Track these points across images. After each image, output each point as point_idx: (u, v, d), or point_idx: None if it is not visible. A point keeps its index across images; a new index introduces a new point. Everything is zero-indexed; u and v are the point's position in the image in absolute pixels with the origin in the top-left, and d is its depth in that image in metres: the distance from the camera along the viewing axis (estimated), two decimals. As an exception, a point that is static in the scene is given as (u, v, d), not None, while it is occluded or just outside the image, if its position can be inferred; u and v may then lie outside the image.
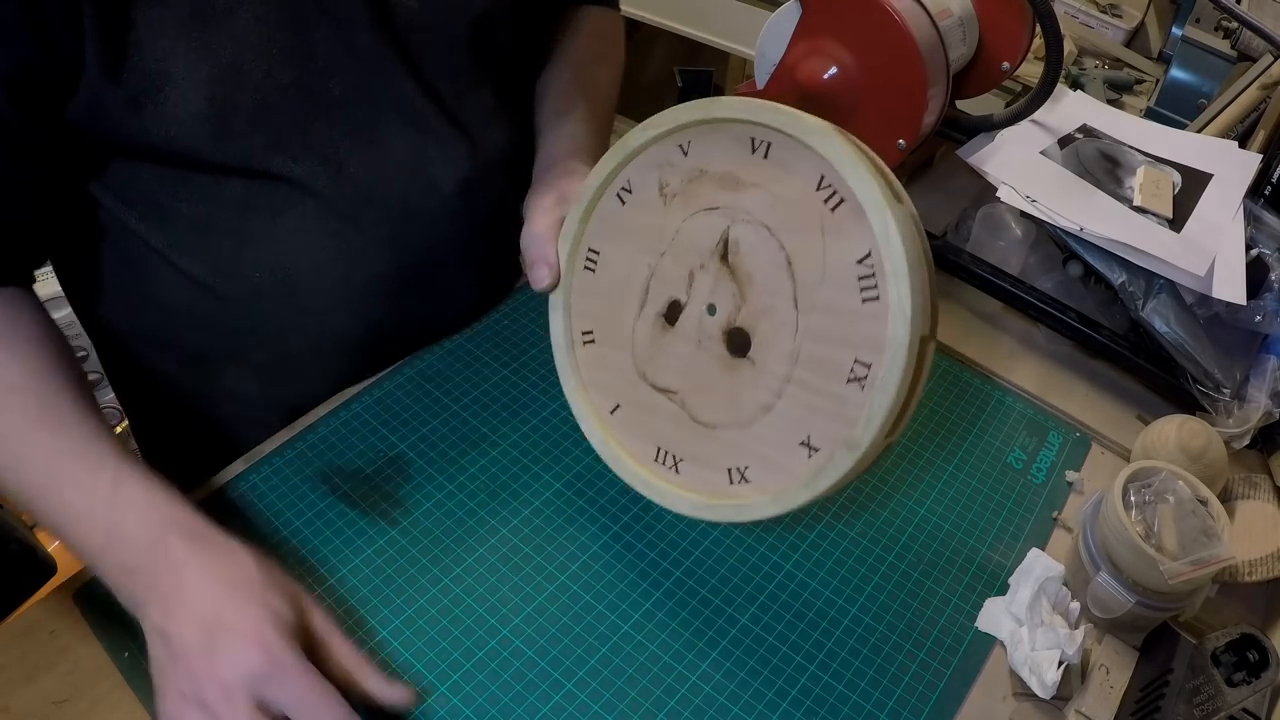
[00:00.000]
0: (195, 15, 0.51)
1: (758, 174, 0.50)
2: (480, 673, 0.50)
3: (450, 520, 0.57)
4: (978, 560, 0.59)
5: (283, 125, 0.56)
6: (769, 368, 0.50)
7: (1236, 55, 1.05)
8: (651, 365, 0.55)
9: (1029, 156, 0.78)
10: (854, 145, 0.47)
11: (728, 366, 0.52)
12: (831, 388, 0.47)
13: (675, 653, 0.52)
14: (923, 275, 0.46)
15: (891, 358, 0.45)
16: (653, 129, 0.53)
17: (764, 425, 0.50)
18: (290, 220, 0.59)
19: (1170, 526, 0.52)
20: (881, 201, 0.45)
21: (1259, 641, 0.48)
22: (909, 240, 0.45)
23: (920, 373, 0.46)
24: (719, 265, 0.52)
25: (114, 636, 0.50)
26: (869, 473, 0.63)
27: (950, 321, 0.77)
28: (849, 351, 0.47)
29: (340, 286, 0.62)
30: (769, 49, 0.77)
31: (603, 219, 0.57)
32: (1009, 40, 0.80)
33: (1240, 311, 0.66)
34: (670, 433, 0.54)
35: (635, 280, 0.55)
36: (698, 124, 0.52)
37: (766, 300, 0.50)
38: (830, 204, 0.47)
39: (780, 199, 0.49)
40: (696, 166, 0.52)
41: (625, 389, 0.57)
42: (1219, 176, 0.79)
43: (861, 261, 0.46)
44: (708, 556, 0.57)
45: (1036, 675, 0.51)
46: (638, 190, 0.55)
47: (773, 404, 0.50)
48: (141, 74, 0.51)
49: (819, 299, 0.48)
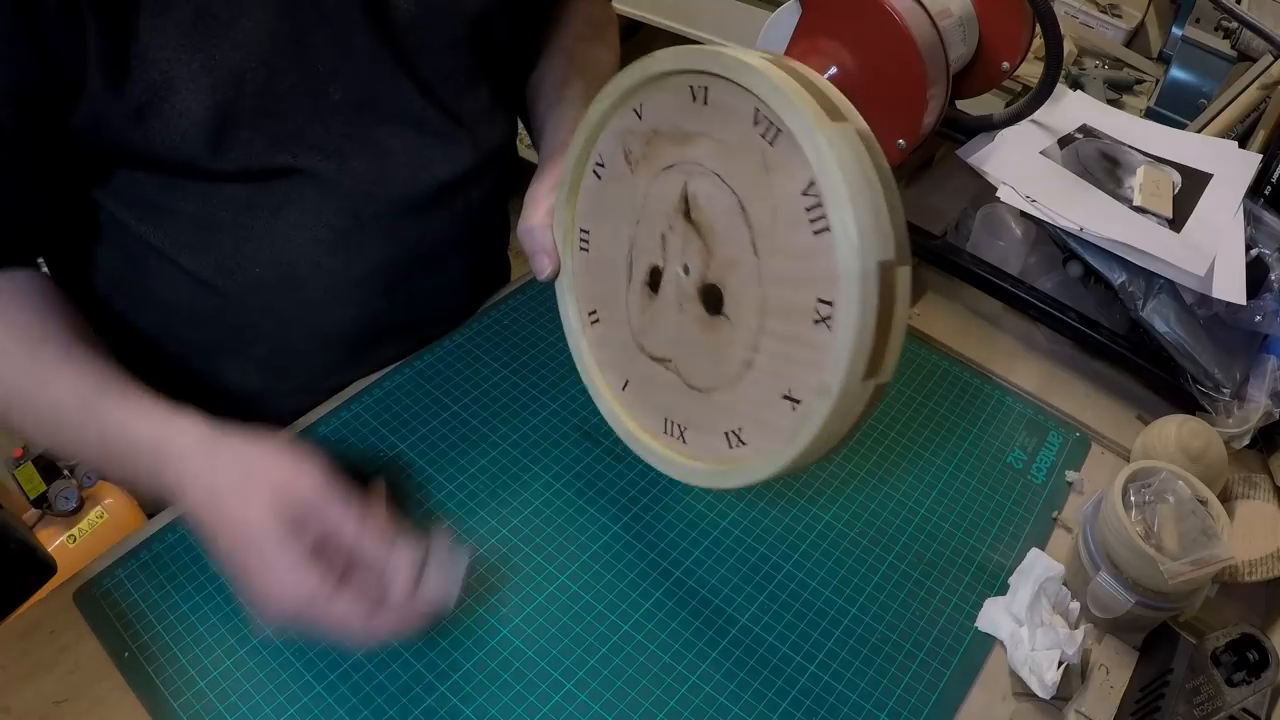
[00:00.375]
0: (198, 24, 0.51)
1: (702, 122, 0.48)
2: (480, 673, 0.50)
3: (450, 520, 0.57)
4: (978, 560, 0.59)
5: (283, 128, 0.56)
6: (743, 321, 0.48)
7: (1236, 55, 1.05)
8: (646, 336, 0.54)
9: (1029, 156, 0.78)
10: (783, 70, 0.44)
11: (708, 326, 0.50)
12: (802, 333, 0.45)
13: (675, 653, 0.52)
14: (873, 195, 0.42)
15: (846, 290, 0.42)
16: (605, 99, 0.52)
17: (748, 383, 0.49)
18: (290, 216, 0.59)
19: (1170, 526, 0.52)
20: (812, 123, 0.42)
21: (1259, 641, 0.48)
22: (850, 159, 0.42)
23: (890, 302, 0.43)
24: (684, 223, 0.50)
25: (114, 636, 0.50)
26: (868, 473, 0.63)
27: (950, 321, 0.77)
28: (810, 291, 0.44)
29: (339, 279, 0.63)
30: (769, 49, 0.77)
31: (587, 197, 0.56)
32: (1009, 40, 0.80)
33: (1240, 311, 0.66)
34: (672, 402, 0.54)
35: (620, 253, 0.55)
36: (642, 85, 0.50)
37: (730, 251, 0.48)
38: (768, 138, 0.45)
39: (724, 144, 0.47)
40: (651, 127, 0.51)
41: (630, 364, 0.56)
42: (1219, 176, 0.79)
43: (806, 192, 0.43)
44: (708, 556, 0.57)
45: (1036, 675, 0.51)
46: (608, 163, 0.54)
47: (752, 359, 0.48)
48: (145, 85, 0.51)
49: (775, 241, 0.46)
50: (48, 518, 1.50)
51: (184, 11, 0.50)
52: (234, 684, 0.49)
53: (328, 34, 0.55)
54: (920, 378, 0.71)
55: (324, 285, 0.63)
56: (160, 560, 0.54)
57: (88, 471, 1.54)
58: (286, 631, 0.49)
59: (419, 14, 0.59)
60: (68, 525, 1.50)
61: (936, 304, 0.79)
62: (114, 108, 0.51)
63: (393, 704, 0.48)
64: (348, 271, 0.63)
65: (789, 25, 0.74)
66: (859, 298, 0.41)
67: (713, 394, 0.51)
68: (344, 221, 0.61)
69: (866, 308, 0.42)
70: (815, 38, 0.72)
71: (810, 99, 0.43)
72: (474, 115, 0.66)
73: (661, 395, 0.54)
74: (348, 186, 0.60)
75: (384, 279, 0.65)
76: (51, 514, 1.49)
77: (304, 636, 0.48)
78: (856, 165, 0.42)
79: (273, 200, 0.59)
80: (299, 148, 0.57)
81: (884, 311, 0.42)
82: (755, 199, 0.46)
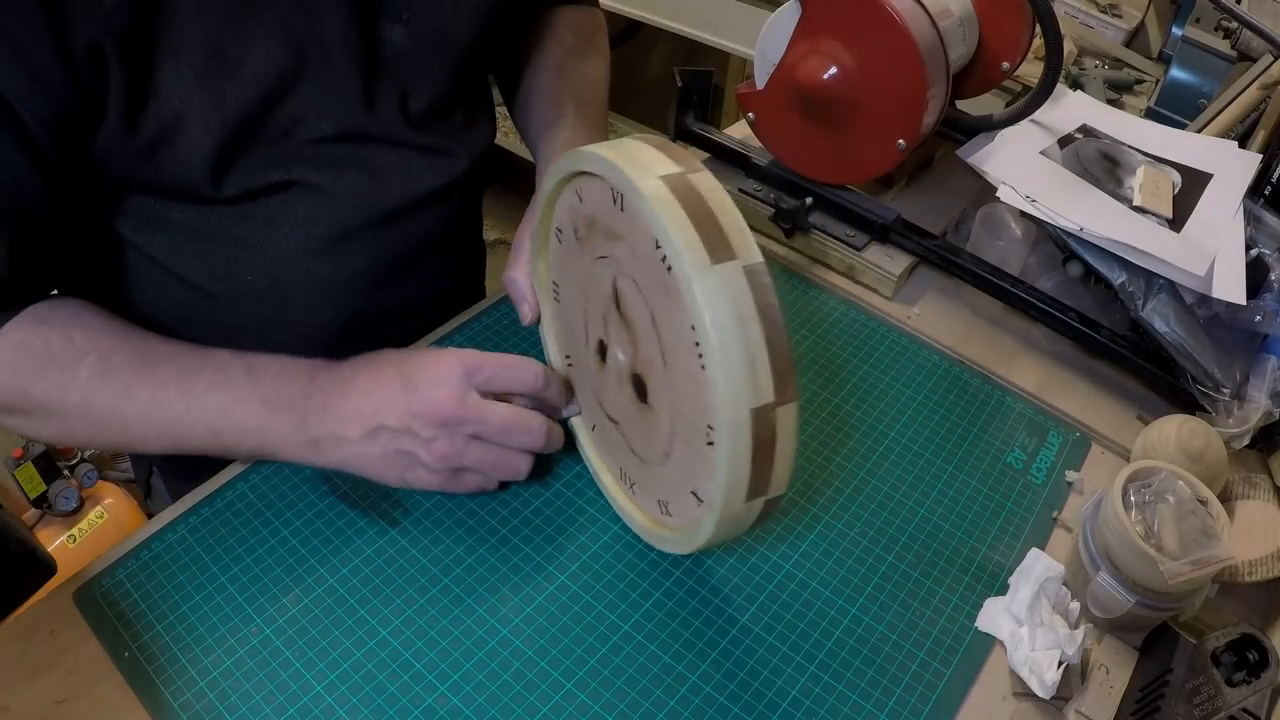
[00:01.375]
0: (210, 63, 0.53)
1: (622, 225, 0.48)
2: (480, 673, 0.50)
3: (451, 520, 0.57)
4: (978, 560, 0.59)
5: (280, 152, 0.59)
6: (661, 417, 0.50)
7: (1236, 55, 1.05)
8: (602, 394, 0.56)
9: (1029, 156, 0.78)
10: (676, 196, 0.43)
11: (640, 409, 0.52)
12: (698, 447, 0.46)
13: (675, 653, 0.52)
14: (747, 343, 0.42)
15: (720, 431, 0.42)
16: (552, 177, 0.53)
17: (668, 469, 0.50)
18: (283, 228, 0.61)
19: (1170, 526, 0.52)
20: (689, 270, 0.41)
21: (1259, 641, 0.48)
22: (725, 310, 0.41)
23: (768, 442, 0.43)
24: (616, 314, 0.51)
25: (114, 636, 0.50)
26: (868, 473, 0.63)
27: (950, 321, 0.77)
28: (703, 415, 0.45)
29: (326, 283, 0.65)
30: (769, 49, 0.77)
31: (554, 255, 0.58)
32: (1009, 40, 0.81)
33: (1240, 311, 0.66)
34: (623, 459, 0.56)
35: (579, 317, 0.57)
36: (573, 176, 0.51)
37: (648, 353, 0.49)
38: (666, 264, 0.44)
39: (637, 254, 0.47)
40: (589, 214, 0.51)
41: (594, 411, 0.58)
42: (1219, 176, 0.79)
43: (693, 328, 0.43)
44: (708, 556, 0.57)
45: (1036, 675, 0.51)
46: (565, 232, 0.55)
47: (670, 451, 0.50)
48: (158, 123, 0.53)
49: (677, 360, 0.46)
50: (48, 518, 1.50)
51: (198, 51, 0.52)
52: (234, 684, 0.49)
53: (324, 67, 0.58)
54: (920, 378, 0.71)
55: (311, 289, 0.65)
56: (160, 560, 0.54)
57: (87, 471, 1.54)
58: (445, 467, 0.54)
59: (410, 47, 0.62)
60: (68, 525, 1.50)
61: (936, 304, 0.79)
62: (127, 143, 0.54)
63: (393, 704, 0.48)
64: (334, 276, 0.65)
65: (789, 25, 0.74)
66: (730, 440, 0.42)
67: (649, 465, 0.53)
68: (334, 231, 0.63)
69: (738, 450, 0.43)
70: (815, 38, 0.72)
71: (695, 236, 0.42)
72: (459, 131, 0.69)
73: (617, 449, 0.57)
74: (339, 200, 0.62)
75: (368, 279, 0.67)
76: (51, 514, 1.49)
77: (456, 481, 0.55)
78: (732, 314, 0.42)
79: (267, 212, 0.61)
80: (294, 166, 0.60)
81: (761, 450, 0.43)
82: (662, 314, 0.47)
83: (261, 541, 0.55)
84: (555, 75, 0.76)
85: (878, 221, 0.78)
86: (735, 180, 0.84)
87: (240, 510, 0.57)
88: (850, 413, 0.68)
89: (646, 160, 0.45)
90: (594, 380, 0.57)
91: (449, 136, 0.68)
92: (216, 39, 0.53)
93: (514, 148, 2.12)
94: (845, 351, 0.73)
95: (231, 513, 0.56)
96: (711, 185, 0.45)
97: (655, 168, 0.44)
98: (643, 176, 0.44)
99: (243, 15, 0.53)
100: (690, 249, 0.42)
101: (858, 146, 0.75)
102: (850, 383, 0.70)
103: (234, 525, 0.56)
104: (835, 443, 0.65)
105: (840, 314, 0.76)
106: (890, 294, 0.78)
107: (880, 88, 0.71)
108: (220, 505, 0.57)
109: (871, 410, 0.68)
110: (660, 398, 0.49)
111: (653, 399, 0.50)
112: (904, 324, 0.76)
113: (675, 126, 0.87)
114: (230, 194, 0.58)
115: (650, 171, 0.44)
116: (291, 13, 0.55)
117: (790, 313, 0.75)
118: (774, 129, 0.79)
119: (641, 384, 0.51)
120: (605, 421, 0.57)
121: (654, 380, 0.49)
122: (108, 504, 1.54)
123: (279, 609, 0.52)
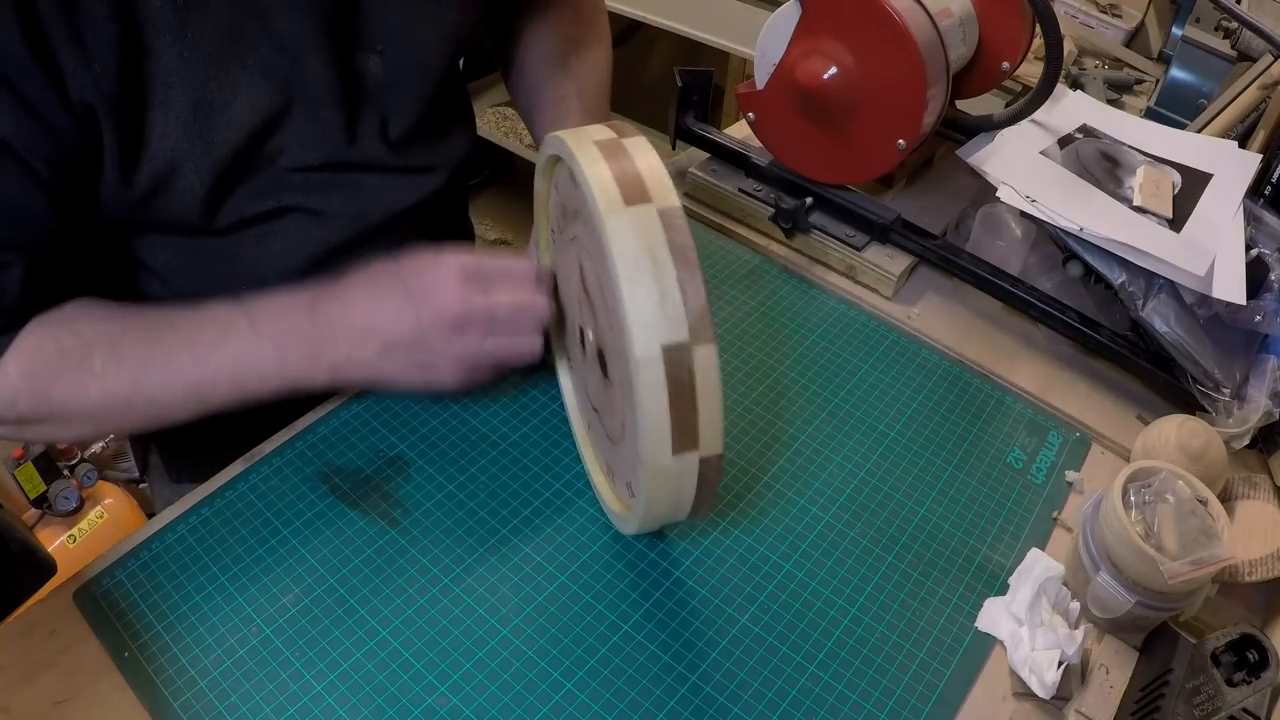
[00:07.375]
0: (197, 113, 0.55)
1: (577, 201, 0.51)
2: (480, 673, 0.50)
3: (450, 520, 0.57)
4: (978, 560, 0.59)
5: (269, 184, 0.61)
6: (615, 389, 0.51)
7: (1236, 55, 1.05)
8: (589, 386, 0.57)
9: (1029, 156, 0.78)
10: (604, 155, 0.46)
11: (605, 385, 0.53)
12: (632, 403, 0.46)
13: (675, 653, 0.52)
14: (659, 278, 0.43)
15: (634, 366, 0.43)
16: (539, 177, 0.57)
17: (628, 442, 0.51)
18: (274, 246, 0.64)
19: (1170, 526, 0.52)
20: (600, 210, 0.43)
21: (1259, 641, 0.48)
22: (634, 244, 0.43)
23: (687, 383, 0.43)
24: (582, 292, 0.53)
25: (114, 636, 0.50)
26: (868, 473, 0.63)
27: (950, 321, 0.77)
28: (627, 368, 0.45)
29: None
30: (769, 49, 0.77)
31: (553, 251, 0.61)
32: (1009, 40, 0.81)
33: (1240, 311, 0.66)
34: (603, 447, 0.57)
35: (571, 308, 0.58)
36: (548, 166, 0.55)
37: (603, 323, 0.51)
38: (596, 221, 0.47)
39: (589, 224, 0.49)
40: (561, 200, 0.55)
41: (585, 407, 0.60)
42: (1219, 176, 0.78)
43: None
44: (708, 556, 0.57)
45: (1036, 675, 0.51)
46: (555, 229, 0.59)
47: (624, 422, 0.50)
48: (152, 174, 0.55)
49: (614, 320, 0.47)
50: (48, 518, 1.50)
51: (184, 104, 0.54)
52: (234, 684, 0.49)
53: (308, 106, 0.60)
54: (920, 378, 0.71)
55: None
56: (160, 560, 0.54)
57: (87, 471, 1.54)
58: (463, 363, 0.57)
59: (386, 77, 0.63)
60: (68, 525, 1.50)
61: (936, 304, 0.79)
62: (124, 194, 0.56)
63: (393, 704, 0.48)
64: (319, 278, 0.66)
65: (789, 25, 0.74)
66: (643, 376, 0.43)
67: (618, 445, 0.53)
68: (322, 248, 0.65)
69: (651, 387, 0.43)
70: (815, 38, 0.72)
71: (612, 184, 0.44)
72: (440, 147, 0.71)
73: (601, 442, 0.57)
74: (327, 219, 0.65)
75: None
76: (51, 514, 1.49)
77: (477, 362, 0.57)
78: (642, 248, 0.43)
79: (259, 232, 0.63)
80: (283, 193, 0.62)
81: (680, 392, 0.43)
82: (603, 276, 0.48)
83: (261, 541, 0.55)
84: (560, 69, 0.77)
85: (878, 221, 0.78)
86: (735, 180, 0.84)
87: (240, 510, 0.57)
88: (850, 413, 0.68)
89: (590, 133, 0.49)
90: (582, 373, 0.58)
91: (428, 152, 0.70)
92: (202, 88, 0.54)
93: (514, 148, 2.12)
94: (845, 351, 0.73)
95: (231, 513, 0.56)
96: (640, 144, 0.48)
97: (593, 135, 0.48)
98: (580, 142, 0.47)
99: (226, 62, 0.55)
100: (604, 191, 0.44)
101: (858, 146, 0.75)
102: (850, 383, 0.70)
103: (234, 525, 0.56)
104: (835, 443, 0.65)
105: (840, 314, 0.76)
106: (890, 294, 0.78)
107: (880, 88, 0.71)
108: (220, 505, 0.57)
109: (871, 410, 0.68)
110: (614, 367, 0.50)
111: (610, 371, 0.51)
112: (904, 324, 0.76)
113: (675, 126, 0.87)
114: (223, 225, 0.60)
115: (587, 137, 0.48)
116: (271, 53, 0.56)
117: (790, 313, 0.75)
118: (774, 129, 0.79)
119: (603, 359, 0.52)
120: (593, 415, 0.58)
121: (609, 351, 0.50)
122: (108, 504, 1.54)
123: (279, 609, 0.52)
